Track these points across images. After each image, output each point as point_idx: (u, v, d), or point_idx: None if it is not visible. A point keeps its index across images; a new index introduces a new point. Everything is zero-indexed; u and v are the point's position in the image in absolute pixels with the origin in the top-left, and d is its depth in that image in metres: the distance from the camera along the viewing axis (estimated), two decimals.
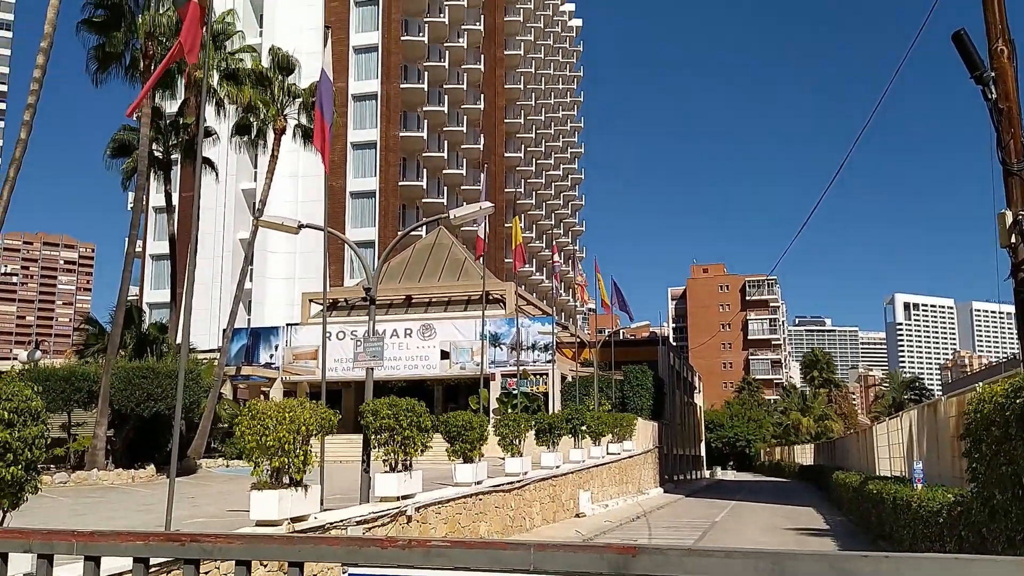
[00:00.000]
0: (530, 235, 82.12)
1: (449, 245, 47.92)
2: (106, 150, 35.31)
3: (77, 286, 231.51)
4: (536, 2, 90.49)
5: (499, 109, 79.22)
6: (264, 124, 33.96)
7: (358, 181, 59.31)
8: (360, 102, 60.27)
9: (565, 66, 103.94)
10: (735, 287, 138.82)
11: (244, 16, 58.69)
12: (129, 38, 28.60)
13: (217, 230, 58.40)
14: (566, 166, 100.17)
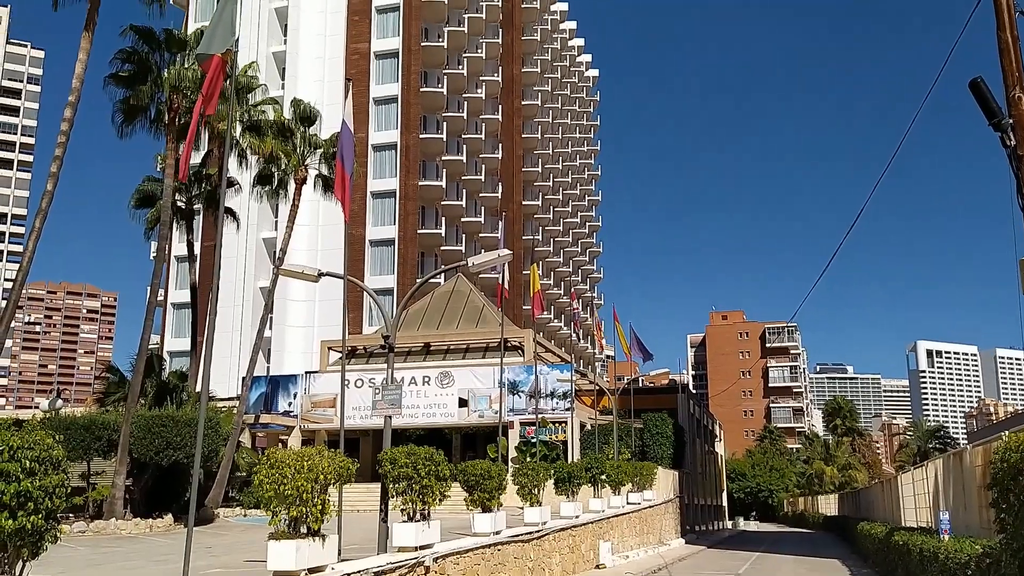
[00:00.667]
0: (548, 282, 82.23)
1: (467, 292, 48.04)
2: (130, 200, 35.92)
3: (99, 335, 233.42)
4: (553, 53, 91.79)
5: (517, 158, 79.94)
6: (285, 174, 34.44)
7: (377, 229, 59.82)
8: (380, 152, 61.05)
9: (582, 115, 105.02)
10: (755, 334, 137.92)
11: (267, 69, 59.92)
12: (155, 92, 29.23)
13: (238, 279, 58.92)
14: (584, 213, 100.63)
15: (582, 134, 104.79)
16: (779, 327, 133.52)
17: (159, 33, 29.35)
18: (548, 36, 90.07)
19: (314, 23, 62.83)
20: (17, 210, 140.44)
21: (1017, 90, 10.02)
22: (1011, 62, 10.21)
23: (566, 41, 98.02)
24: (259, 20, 62.92)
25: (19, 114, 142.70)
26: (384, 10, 62.51)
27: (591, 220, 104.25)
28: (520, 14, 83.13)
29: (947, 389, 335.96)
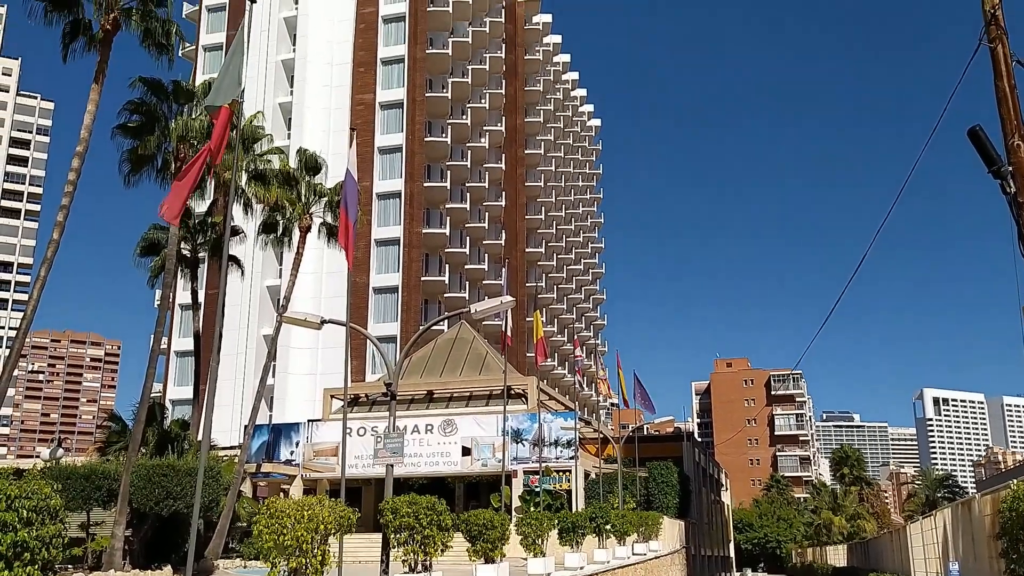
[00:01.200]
0: (552, 329, 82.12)
1: (471, 340, 47.97)
2: (136, 249, 36.06)
3: (102, 383, 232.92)
4: (556, 103, 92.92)
5: (520, 206, 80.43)
6: (290, 222, 34.64)
7: (381, 277, 59.99)
8: (384, 200, 61.49)
9: (585, 164, 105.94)
10: (760, 382, 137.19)
11: (273, 120, 60.66)
12: (162, 142, 29.55)
13: (241, 326, 58.95)
14: (587, 261, 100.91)
15: (585, 182, 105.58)
16: (784, 375, 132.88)
17: (167, 84, 29.76)
18: (551, 87, 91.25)
19: (320, 75, 63.76)
20: (23, 259, 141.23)
21: (1016, 138, 10.08)
22: (1009, 110, 10.29)
23: (568, 91, 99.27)
24: (266, 72, 63.87)
25: (28, 164, 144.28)
26: (389, 62, 63.46)
27: (594, 267, 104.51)
28: (523, 65, 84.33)
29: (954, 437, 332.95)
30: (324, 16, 64.64)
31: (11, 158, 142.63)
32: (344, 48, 64.08)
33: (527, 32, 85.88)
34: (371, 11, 64.13)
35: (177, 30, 27.13)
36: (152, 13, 26.19)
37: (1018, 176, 9.87)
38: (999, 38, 10.81)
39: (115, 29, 25.83)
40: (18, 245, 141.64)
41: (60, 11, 25.78)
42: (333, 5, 64.92)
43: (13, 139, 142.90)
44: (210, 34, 67.59)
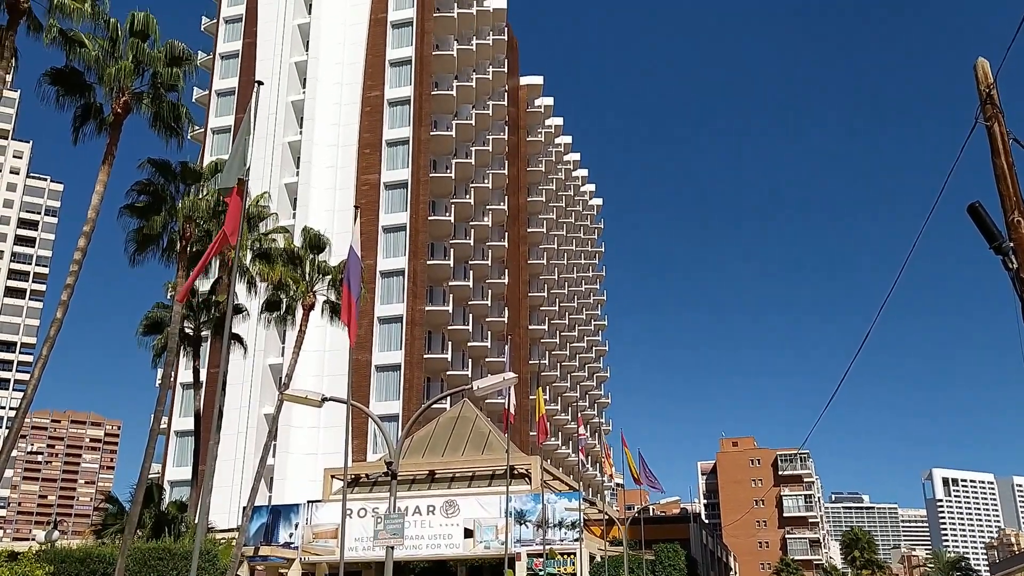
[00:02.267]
0: (555, 407, 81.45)
1: (473, 418, 47.50)
2: (139, 328, 36.13)
3: (101, 464, 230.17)
4: (558, 183, 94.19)
5: (523, 283, 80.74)
6: (293, 300, 34.77)
7: (384, 355, 59.81)
8: (388, 278, 61.76)
9: (587, 242, 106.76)
10: (767, 461, 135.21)
11: (279, 199, 61.45)
12: (168, 221, 29.89)
13: (242, 405, 58.53)
14: (590, 338, 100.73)
15: (587, 259, 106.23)
16: (791, 454, 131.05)
17: (175, 166, 30.27)
18: (552, 167, 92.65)
19: (326, 156, 64.83)
20: (27, 338, 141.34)
21: (1016, 214, 10.15)
22: (1008, 187, 10.39)
23: (570, 171, 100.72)
24: (273, 153, 64.98)
25: (35, 245, 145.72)
26: (394, 143, 64.58)
27: (598, 345, 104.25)
28: (525, 146, 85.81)
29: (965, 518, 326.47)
30: (331, 100, 66.09)
31: (19, 239, 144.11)
32: (350, 130, 65.30)
33: (529, 115, 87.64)
34: (376, 95, 65.57)
35: (187, 113, 27.73)
36: (162, 97, 26.80)
37: (1020, 252, 9.89)
38: (995, 116, 10.98)
39: (126, 112, 26.40)
40: (22, 325, 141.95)
41: (72, 95, 26.40)
42: (340, 89, 66.42)
43: (22, 220, 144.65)
44: (219, 117, 69.00)
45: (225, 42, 71.16)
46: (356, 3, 68.14)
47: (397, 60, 66.20)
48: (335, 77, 66.70)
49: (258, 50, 68.61)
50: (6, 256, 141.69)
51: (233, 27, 71.24)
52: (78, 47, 25.78)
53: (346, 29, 67.76)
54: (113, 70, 25.81)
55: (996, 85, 11.06)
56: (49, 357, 24.68)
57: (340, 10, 68.12)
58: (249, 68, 68.17)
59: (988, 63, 11.33)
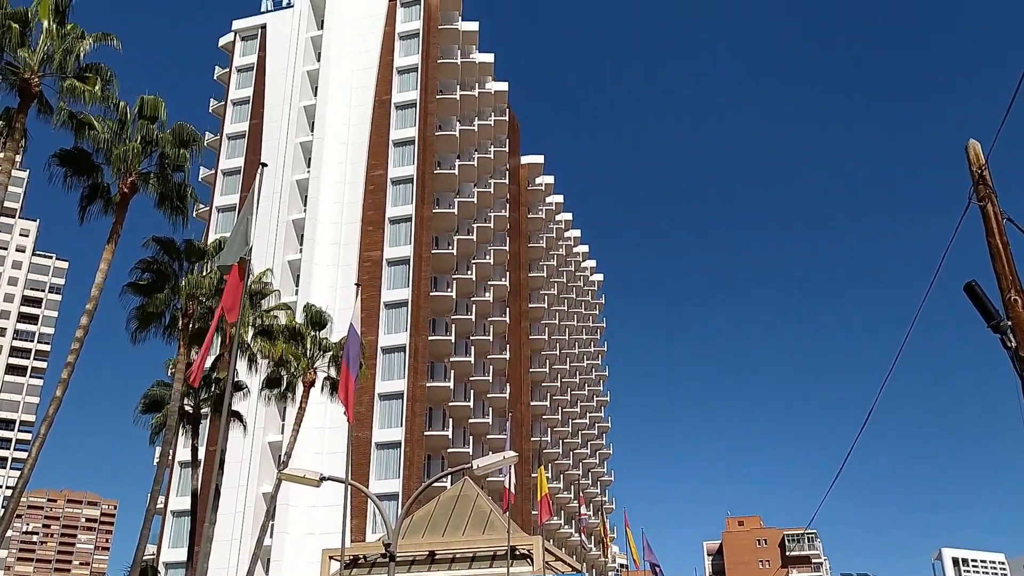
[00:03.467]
0: (557, 486, 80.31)
1: (474, 497, 46.77)
2: (138, 406, 35.92)
3: (96, 544, 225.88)
4: (559, 259, 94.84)
5: (524, 359, 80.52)
6: (294, 377, 34.69)
7: (384, 432, 59.27)
8: (389, 354, 61.65)
9: (588, 318, 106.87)
10: (774, 541, 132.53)
11: (282, 276, 61.85)
12: (171, 299, 30.04)
13: (240, 484, 57.77)
14: (592, 415, 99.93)
15: (588, 335, 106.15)
16: (799, 534, 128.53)
17: (180, 244, 30.58)
18: (553, 243, 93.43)
19: (329, 233, 65.48)
20: (26, 416, 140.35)
21: (1012, 293, 10.21)
22: (1003, 266, 10.48)
23: (571, 248, 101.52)
24: (277, 231, 65.64)
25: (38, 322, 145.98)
26: (396, 221, 65.27)
27: (600, 421, 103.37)
28: (526, 223, 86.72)
29: None
30: (335, 178, 67.11)
31: (22, 316, 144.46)
32: (353, 208, 66.10)
33: (530, 192, 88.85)
34: (380, 174, 66.60)
35: (192, 193, 28.17)
36: (169, 177, 27.26)
37: (1018, 331, 9.92)
38: (988, 197, 11.14)
39: (132, 192, 26.82)
40: (22, 402, 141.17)
41: (80, 175, 26.87)
42: (344, 168, 67.51)
43: (26, 298, 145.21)
44: (224, 196, 69.94)
45: (232, 123, 72.61)
46: (361, 86, 69.78)
47: (401, 140, 67.43)
48: (339, 156, 67.87)
49: (264, 131, 70.00)
50: (8, 334, 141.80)
51: (240, 109, 72.81)
52: (87, 129, 26.33)
53: (351, 110, 69.23)
54: (121, 151, 26.31)
55: (988, 166, 11.25)
56: (47, 436, 24.51)
57: (345, 92, 69.73)
58: (255, 148, 69.41)
59: (979, 144, 11.55)
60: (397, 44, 70.29)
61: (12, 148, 25.14)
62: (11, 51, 24.51)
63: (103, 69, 26.14)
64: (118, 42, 26.42)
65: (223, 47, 76.32)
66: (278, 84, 71.25)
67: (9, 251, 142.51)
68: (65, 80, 25.16)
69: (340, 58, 70.83)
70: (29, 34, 25.13)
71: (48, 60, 25.15)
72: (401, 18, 71.12)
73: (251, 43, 74.59)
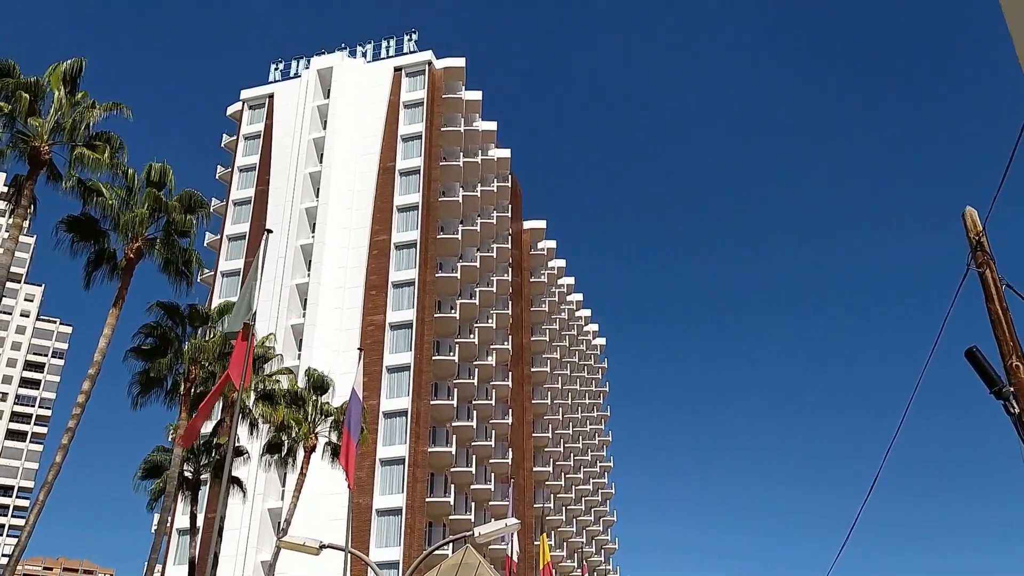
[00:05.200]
0: (560, 553, 78.95)
1: (476, 565, 45.87)
2: (138, 471, 35.61)
3: None
4: (561, 323, 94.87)
5: (527, 424, 79.93)
6: (295, 442, 34.45)
7: (385, 498, 58.54)
8: (390, 419, 61.27)
9: (591, 381, 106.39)
10: None
11: (285, 340, 61.83)
12: (174, 363, 30.03)
13: (239, 552, 56.85)
14: (596, 480, 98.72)
15: (591, 399, 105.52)
16: None
17: (184, 308, 30.70)
18: (556, 307, 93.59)
19: (333, 298, 65.72)
20: (24, 482, 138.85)
21: (1014, 359, 10.21)
22: (1004, 332, 10.50)
23: (573, 312, 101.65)
24: (280, 296, 65.90)
25: (40, 387, 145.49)
26: (400, 285, 65.56)
27: (604, 487, 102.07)
28: (529, 287, 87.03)
29: None
30: (339, 243, 67.63)
31: (24, 381, 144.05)
32: (357, 273, 66.47)
33: (532, 257, 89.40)
34: (384, 239, 67.14)
35: (197, 258, 28.39)
36: (175, 243, 27.52)
37: (1020, 397, 9.89)
38: (986, 263, 11.21)
39: (138, 258, 27.04)
40: (20, 468, 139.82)
41: (86, 241, 27.12)
42: (348, 233, 68.09)
43: (28, 362, 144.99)
44: (229, 260, 70.43)
45: (238, 189, 73.54)
46: (366, 153, 70.81)
47: (404, 206, 68.15)
48: (344, 222, 68.51)
49: (270, 197, 70.82)
50: (10, 399, 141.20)
51: (246, 175, 73.80)
52: (95, 195, 26.68)
53: (356, 177, 70.15)
54: (129, 218, 26.62)
55: (985, 232, 11.35)
56: (45, 502, 24.26)
57: (350, 159, 70.75)
58: (260, 214, 70.15)
59: (976, 212, 11.67)
60: (402, 112, 71.56)
61: (20, 215, 25.44)
62: (22, 119, 24.97)
63: (112, 137, 26.61)
64: (128, 111, 26.94)
65: (231, 116, 77.73)
66: (284, 151, 72.35)
67: (14, 316, 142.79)
68: (75, 148, 25.58)
69: (346, 126, 72.06)
70: (40, 102, 25.64)
71: (58, 128, 25.62)
72: (406, 87, 72.55)
73: (259, 111, 75.99)
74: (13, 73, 25.39)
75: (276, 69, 77.23)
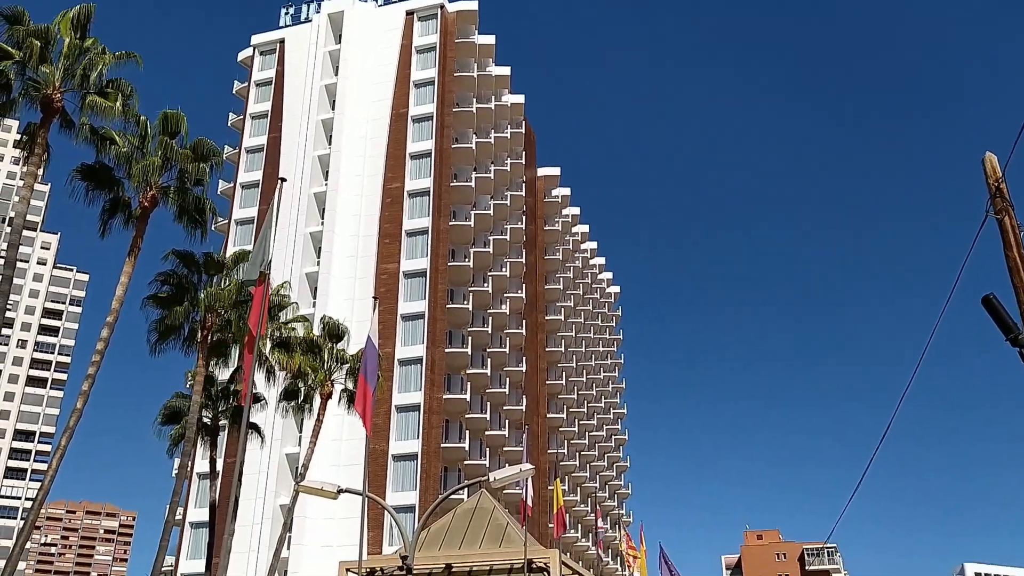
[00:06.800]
0: (574, 498, 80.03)
1: (491, 509, 46.63)
2: (157, 417, 36.19)
3: (114, 556, 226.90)
4: (575, 271, 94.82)
5: (541, 371, 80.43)
6: (312, 389, 34.81)
7: (401, 444, 59.34)
8: (405, 366, 61.78)
9: (605, 330, 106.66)
10: (792, 556, 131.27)
11: (299, 289, 62.11)
12: (190, 311, 30.26)
13: (258, 496, 57.95)
14: (609, 427, 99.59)
15: (605, 347, 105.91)
16: (818, 548, 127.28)
17: (199, 257, 30.84)
18: (570, 255, 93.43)
19: (347, 246, 65.81)
20: (46, 428, 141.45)
21: None
22: (1021, 279, 10.42)
23: (587, 260, 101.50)
24: (295, 244, 66.05)
25: (58, 334, 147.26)
26: (413, 233, 65.53)
27: (617, 433, 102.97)
28: (543, 236, 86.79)
29: None
30: (352, 191, 67.48)
31: (43, 328, 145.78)
32: (371, 221, 66.43)
33: (546, 204, 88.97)
34: (397, 187, 66.93)
35: (211, 207, 28.41)
36: (189, 191, 27.52)
37: None
38: (1005, 210, 11.10)
39: (152, 206, 27.09)
40: (42, 414, 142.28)
41: (101, 189, 27.16)
42: (361, 181, 67.89)
43: (46, 310, 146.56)
44: (243, 208, 70.50)
45: (251, 137, 73.26)
46: (378, 99, 70.21)
47: (417, 153, 67.76)
48: (357, 169, 68.27)
49: (282, 144, 70.54)
50: (29, 345, 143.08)
51: (259, 123, 73.44)
52: (108, 144, 26.65)
53: (368, 124, 69.67)
54: (142, 166, 26.60)
55: (1005, 178, 11.21)
56: (67, 447, 24.73)
57: (363, 106, 70.19)
58: (273, 161, 69.98)
59: (996, 157, 11.50)
60: (414, 58, 70.74)
61: (35, 163, 25.48)
62: (33, 67, 24.85)
63: (124, 84, 26.46)
64: (140, 60, 26.76)
65: (242, 62, 77.09)
66: (296, 98, 71.85)
67: (30, 264, 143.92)
68: (87, 96, 25.48)
69: (358, 72, 71.36)
70: (51, 49, 25.48)
71: (70, 75, 25.50)
72: (418, 32, 71.60)
73: (270, 57, 75.32)
74: (23, 20, 25.20)
75: (287, 13, 76.32)
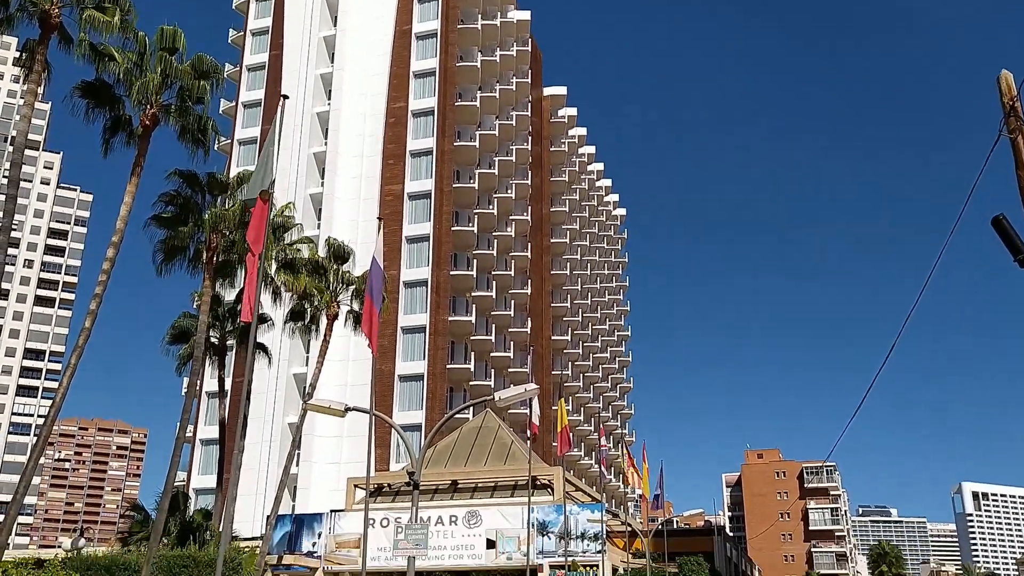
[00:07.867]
0: (578, 418, 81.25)
1: (496, 428, 47.49)
2: (165, 336, 36.50)
3: (127, 471, 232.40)
4: (581, 193, 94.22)
5: (546, 294, 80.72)
6: (318, 310, 35.00)
7: (407, 365, 60.02)
8: (411, 288, 62.02)
9: (610, 252, 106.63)
10: (792, 474, 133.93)
11: (304, 210, 61.90)
12: (194, 232, 30.22)
13: (267, 415, 58.94)
14: (613, 349, 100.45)
15: (611, 270, 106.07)
16: (817, 466, 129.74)
17: (202, 177, 30.64)
18: (576, 177, 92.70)
19: (350, 166, 65.32)
20: (55, 347, 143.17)
21: None
22: None
23: (594, 182, 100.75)
24: (298, 164, 65.57)
25: (64, 254, 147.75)
26: (417, 154, 64.94)
27: (621, 355, 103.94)
28: (549, 157, 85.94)
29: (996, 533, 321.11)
30: (355, 111, 66.62)
31: (48, 248, 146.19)
32: (374, 141, 65.77)
33: (553, 125, 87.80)
34: (401, 106, 66.03)
35: (213, 125, 28.06)
36: (190, 110, 27.15)
37: None
38: (1019, 129, 10.91)
39: (154, 124, 26.78)
40: (51, 333, 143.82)
41: (102, 108, 26.82)
42: (364, 100, 66.96)
43: (51, 230, 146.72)
44: (245, 128, 69.75)
45: (252, 54, 72.00)
46: (381, 16, 68.69)
47: (421, 72, 66.65)
48: (360, 88, 67.26)
49: (284, 62, 69.36)
50: (36, 265, 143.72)
51: (260, 40, 72.08)
52: (108, 60, 26.19)
53: (371, 41, 68.33)
54: (142, 83, 26.21)
55: (1020, 97, 10.98)
56: (77, 366, 25.03)
57: (365, 23, 68.72)
58: (275, 80, 68.92)
59: (1012, 75, 11.26)
60: None
61: (35, 80, 25.13)
62: None
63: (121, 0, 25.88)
64: None
65: None
66: (297, 13, 70.35)
67: (34, 184, 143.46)
68: (84, 11, 24.96)
69: None
70: None
71: None
72: None
73: None
74: None
75: None
